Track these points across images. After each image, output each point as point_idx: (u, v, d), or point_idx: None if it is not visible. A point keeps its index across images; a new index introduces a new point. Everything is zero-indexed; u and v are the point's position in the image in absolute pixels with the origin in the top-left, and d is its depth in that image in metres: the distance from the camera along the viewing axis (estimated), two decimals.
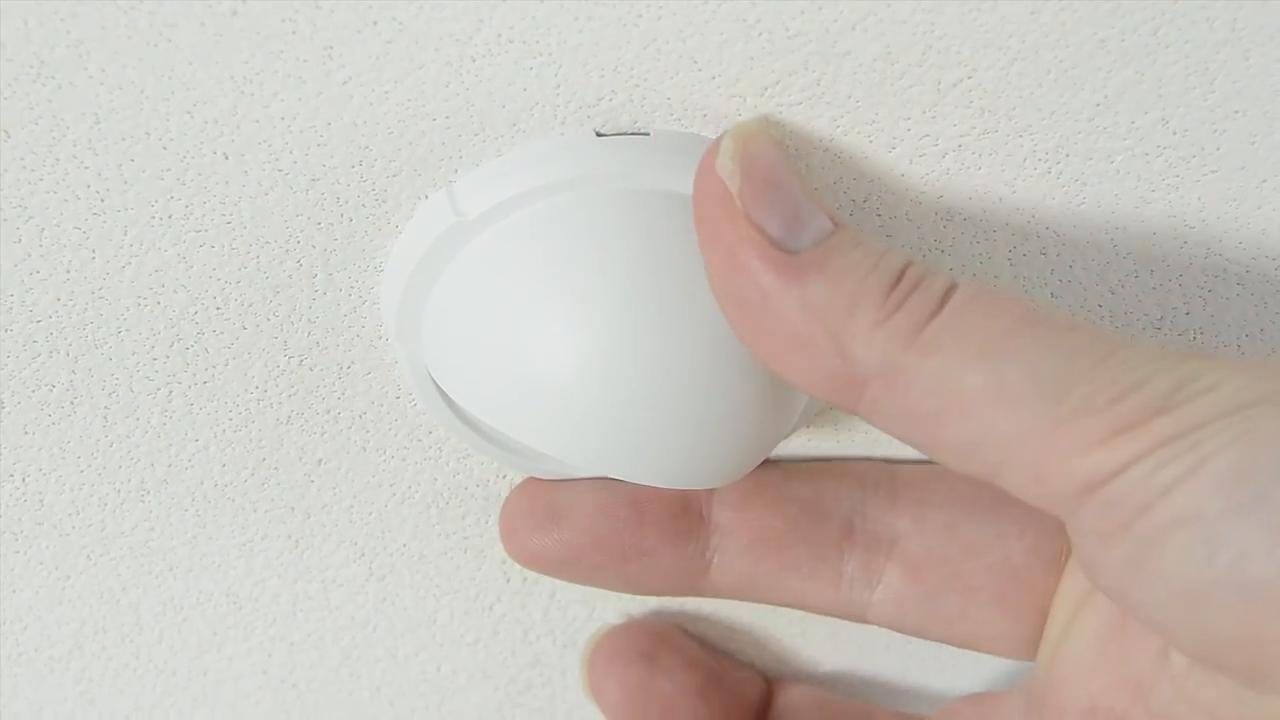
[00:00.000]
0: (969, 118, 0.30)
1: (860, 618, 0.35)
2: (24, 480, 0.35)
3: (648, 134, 0.30)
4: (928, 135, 0.30)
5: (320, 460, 0.36)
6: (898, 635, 0.37)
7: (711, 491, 0.35)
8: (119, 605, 0.38)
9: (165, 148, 0.29)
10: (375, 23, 0.27)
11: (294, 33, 0.27)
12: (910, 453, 0.36)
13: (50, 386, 0.33)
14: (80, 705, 0.41)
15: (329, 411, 0.35)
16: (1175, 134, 0.30)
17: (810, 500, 0.35)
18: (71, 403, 0.33)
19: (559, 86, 0.29)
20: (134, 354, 0.33)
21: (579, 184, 0.29)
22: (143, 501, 0.36)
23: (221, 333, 0.33)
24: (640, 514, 0.35)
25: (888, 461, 0.37)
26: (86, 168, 0.29)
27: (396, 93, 0.29)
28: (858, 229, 0.28)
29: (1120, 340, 0.26)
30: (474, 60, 0.28)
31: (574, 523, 0.35)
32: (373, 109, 0.29)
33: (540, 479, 0.36)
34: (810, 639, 0.41)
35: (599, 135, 0.30)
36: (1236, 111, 0.30)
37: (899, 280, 0.27)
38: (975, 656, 0.37)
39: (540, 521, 0.35)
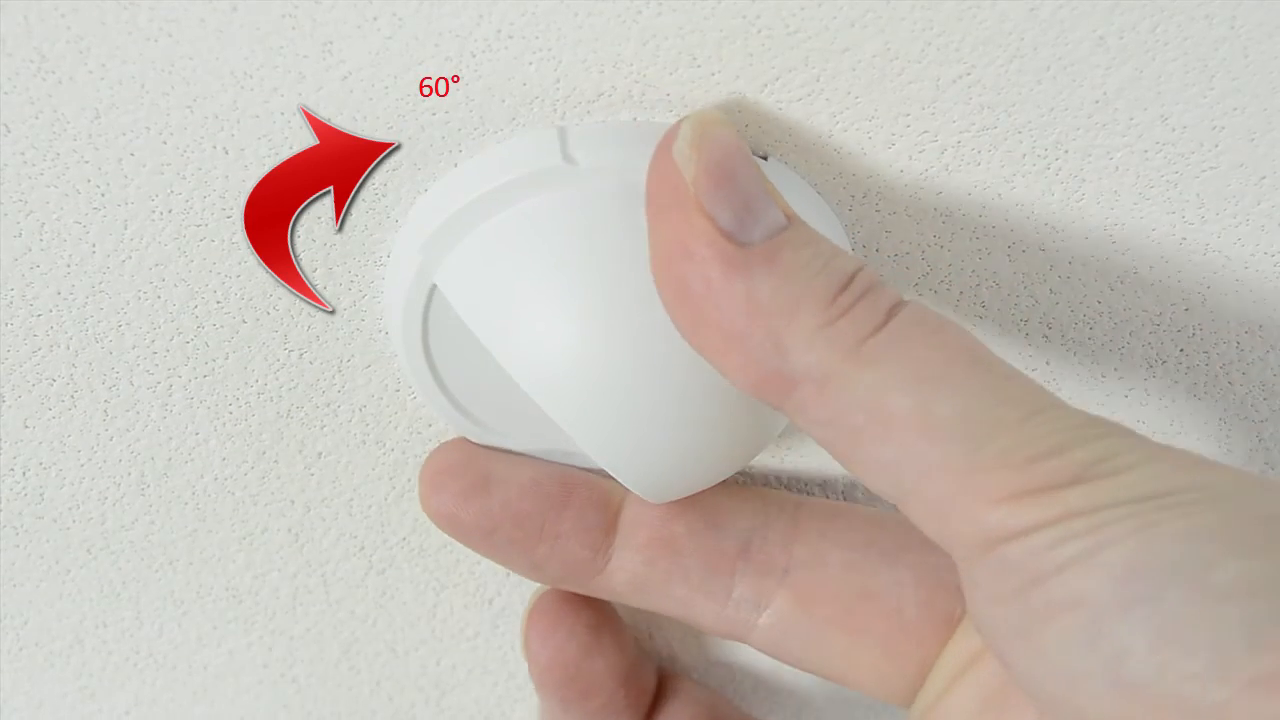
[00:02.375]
0: (968, 114, 0.30)
1: (742, 638, 0.35)
2: (24, 474, 0.35)
3: (764, 158, 0.31)
4: (927, 131, 0.30)
5: (320, 454, 0.36)
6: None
7: (622, 488, 0.35)
8: (119, 599, 0.38)
9: (165, 142, 0.29)
10: (375, 18, 0.27)
11: (294, 28, 0.27)
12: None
13: (51, 380, 0.33)
14: (80, 699, 0.41)
15: (329, 405, 0.35)
16: (1174, 131, 0.30)
17: (714, 511, 0.35)
18: (72, 396, 0.33)
19: (558, 82, 0.29)
20: (134, 348, 0.33)
21: None
22: (143, 495, 0.36)
23: (222, 326, 0.33)
24: (568, 495, 0.34)
25: (801, 491, 0.37)
26: (87, 162, 0.29)
27: (396, 88, 0.29)
28: (811, 228, 0.28)
29: (1049, 399, 0.26)
30: (474, 55, 0.28)
31: (503, 493, 0.34)
32: (372, 104, 0.29)
33: (472, 440, 0.35)
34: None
35: None
36: (1235, 108, 0.30)
37: (846, 285, 0.27)
38: None
39: (469, 486, 0.34)
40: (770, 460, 0.38)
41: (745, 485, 0.36)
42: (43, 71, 0.28)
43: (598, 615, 0.36)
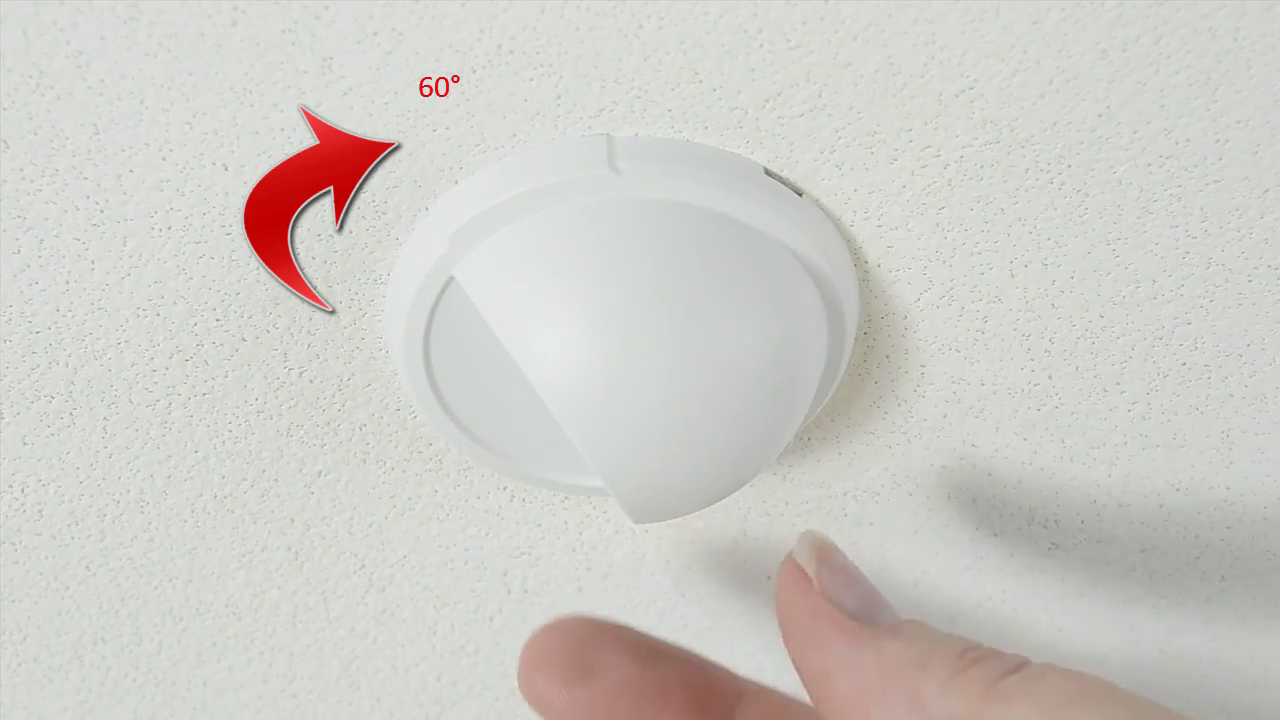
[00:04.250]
0: (971, 129, 0.30)
1: None
2: (23, 491, 0.35)
3: (800, 194, 0.31)
4: (929, 146, 0.30)
5: (320, 472, 0.36)
6: None
7: (740, 696, 0.34)
8: (118, 615, 0.38)
9: (165, 159, 0.29)
10: (375, 34, 0.27)
11: (294, 44, 0.27)
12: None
13: (50, 397, 0.33)
14: (79, 715, 0.40)
15: (329, 423, 0.35)
16: (1177, 144, 0.30)
17: None
18: (71, 414, 0.33)
19: (559, 97, 0.29)
20: (133, 365, 0.33)
21: (744, 196, 0.30)
22: (142, 512, 0.36)
23: (221, 344, 0.33)
24: (665, 698, 0.34)
25: None
26: (86, 178, 0.29)
27: (397, 104, 0.29)
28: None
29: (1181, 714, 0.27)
30: (474, 71, 0.28)
31: (601, 686, 0.33)
32: (373, 120, 0.29)
33: (571, 621, 0.34)
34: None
35: (767, 173, 0.31)
36: (1239, 121, 0.30)
37: (973, 647, 0.28)
38: None
39: (569, 676, 0.34)
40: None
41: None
42: (42, 87, 0.28)
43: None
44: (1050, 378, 0.35)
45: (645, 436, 0.30)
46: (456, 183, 0.30)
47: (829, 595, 0.29)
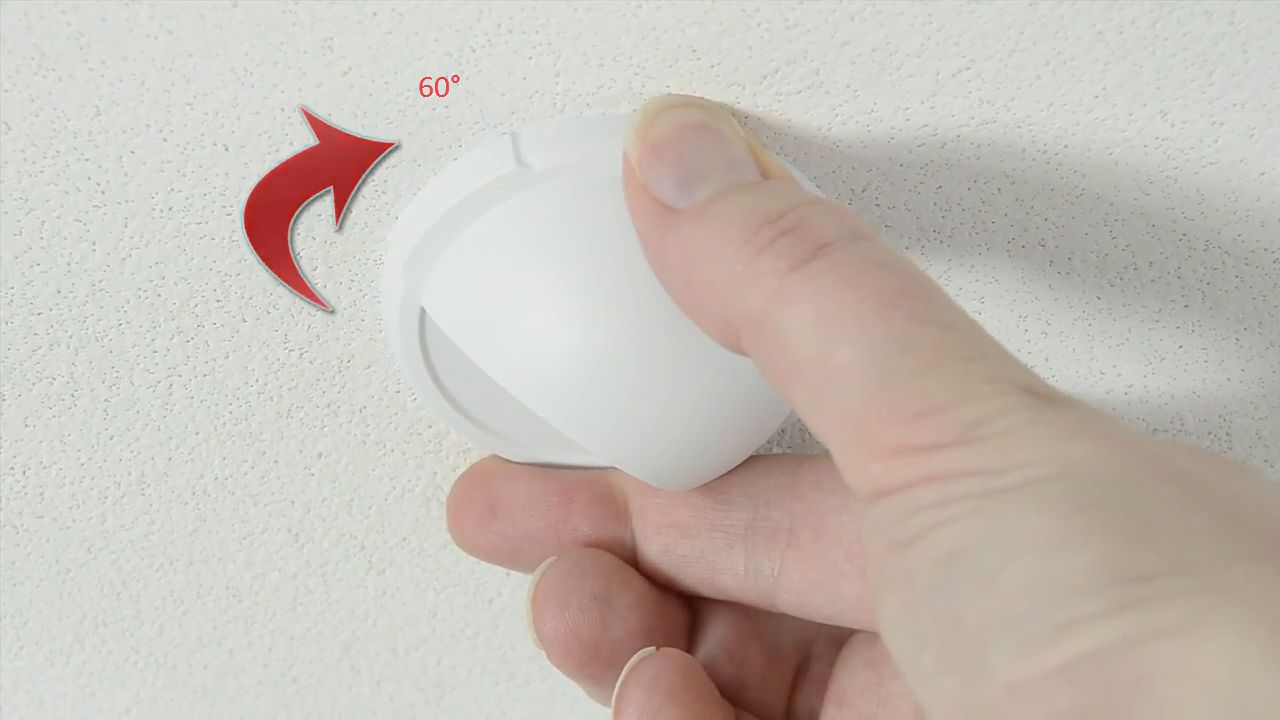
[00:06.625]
0: (967, 108, 0.30)
1: (770, 605, 0.34)
2: (24, 473, 0.35)
3: None
4: (926, 125, 0.30)
5: (320, 454, 0.36)
6: None
7: (627, 479, 0.35)
8: (119, 598, 0.38)
9: (166, 140, 0.29)
10: (375, 14, 0.27)
11: (294, 24, 0.27)
12: None
13: (51, 379, 0.33)
14: (80, 699, 0.41)
15: (329, 405, 0.35)
16: (1173, 126, 0.30)
17: (718, 487, 0.34)
18: (72, 395, 0.33)
19: (558, 75, 0.29)
20: (134, 347, 0.33)
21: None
22: (143, 494, 0.36)
23: (222, 325, 0.33)
24: (568, 501, 0.34)
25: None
26: (87, 160, 0.29)
27: (396, 83, 0.29)
28: (779, 182, 0.28)
29: (965, 349, 0.24)
30: (473, 50, 0.28)
31: (509, 515, 0.34)
32: (373, 100, 0.29)
33: (476, 466, 0.35)
34: None
35: None
36: (1235, 104, 0.30)
37: (771, 222, 0.26)
38: None
39: (480, 513, 0.34)
40: None
41: (752, 455, 0.36)
42: (43, 69, 0.28)
43: (605, 581, 0.34)
44: (1046, 360, 0.35)
45: (637, 414, 0.30)
46: (396, 218, 0.31)
47: (647, 180, 0.27)
